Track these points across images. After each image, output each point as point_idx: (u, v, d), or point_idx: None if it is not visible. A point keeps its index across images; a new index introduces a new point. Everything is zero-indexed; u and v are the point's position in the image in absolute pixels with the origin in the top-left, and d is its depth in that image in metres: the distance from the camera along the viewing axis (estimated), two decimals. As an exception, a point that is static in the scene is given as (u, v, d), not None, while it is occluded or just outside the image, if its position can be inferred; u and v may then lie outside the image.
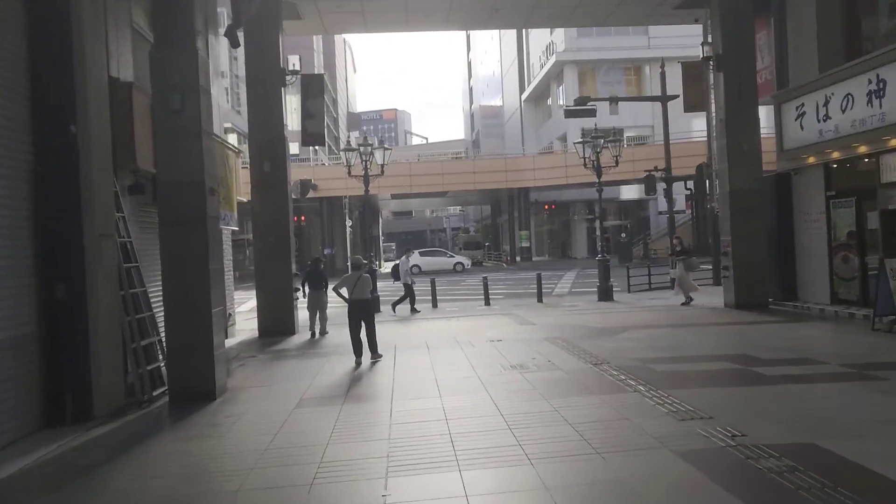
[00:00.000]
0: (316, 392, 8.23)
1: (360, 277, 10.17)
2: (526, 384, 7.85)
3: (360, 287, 10.14)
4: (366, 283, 10.20)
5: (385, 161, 19.55)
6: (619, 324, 13.21)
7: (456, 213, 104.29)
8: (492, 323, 14.50)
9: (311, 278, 14.50)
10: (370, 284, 10.39)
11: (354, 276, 10.27)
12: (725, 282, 15.35)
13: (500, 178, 44.88)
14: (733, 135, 14.91)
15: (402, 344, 11.84)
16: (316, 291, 14.32)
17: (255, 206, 14.40)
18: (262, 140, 14.35)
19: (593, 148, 19.66)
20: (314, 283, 14.41)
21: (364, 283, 10.16)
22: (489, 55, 78.26)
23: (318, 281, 14.42)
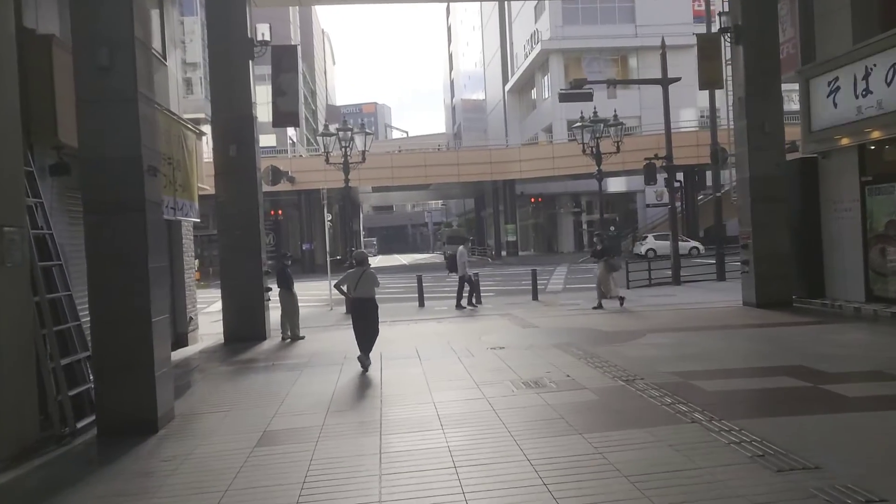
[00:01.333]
0: (284, 421, 6.59)
1: (363, 274, 9.37)
2: (548, 410, 6.27)
3: (362, 285, 9.33)
4: (369, 281, 9.37)
5: (367, 147, 17.88)
6: (633, 326, 11.71)
7: (438, 207, 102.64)
8: (488, 325, 12.93)
9: (279, 276, 12.87)
10: (374, 282, 9.46)
11: (357, 272, 9.46)
12: (745, 278, 13.89)
13: (484, 170, 43.31)
14: (754, 114, 13.45)
15: (388, 352, 10.22)
16: (283, 291, 12.69)
17: (219, 195, 12.68)
18: (226, 120, 12.62)
19: (593, 133, 18.16)
20: (280, 282, 12.78)
21: (367, 281, 9.36)
22: (471, 47, 76.58)
23: (284, 279, 12.76)
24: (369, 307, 9.41)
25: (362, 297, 9.38)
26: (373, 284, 9.42)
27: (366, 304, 9.40)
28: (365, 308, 9.39)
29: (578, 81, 21.06)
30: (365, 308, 9.39)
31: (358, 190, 48.81)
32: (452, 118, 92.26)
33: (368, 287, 9.38)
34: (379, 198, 72.08)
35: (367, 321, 9.36)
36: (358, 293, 9.38)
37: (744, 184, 13.82)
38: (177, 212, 11.07)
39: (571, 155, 42.27)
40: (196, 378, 9.31)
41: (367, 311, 9.39)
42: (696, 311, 13.69)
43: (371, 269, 9.73)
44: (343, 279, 9.76)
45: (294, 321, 12.57)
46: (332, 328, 14.18)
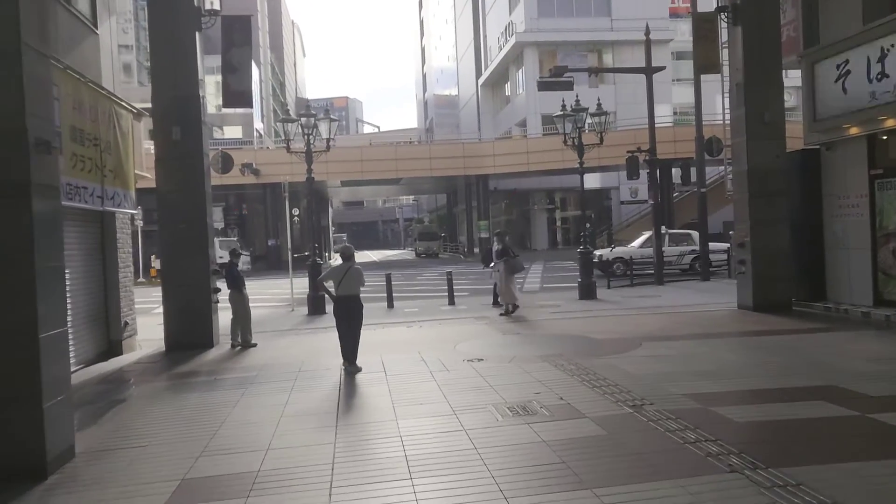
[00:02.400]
0: (211, 464, 5.22)
1: (348, 270, 8.74)
2: (543, 450, 5.00)
3: (347, 282, 8.71)
4: (354, 278, 8.75)
5: (332, 135, 16.45)
6: (626, 332, 10.52)
7: (409, 203, 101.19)
8: (464, 331, 11.65)
9: (228, 276, 11.49)
10: (360, 279, 8.86)
11: (342, 268, 8.83)
12: (741, 278, 12.82)
13: (457, 165, 42.01)
14: (753, 102, 12.36)
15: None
16: (233, 293, 11.31)
17: (160, 184, 11.19)
18: (169, 100, 11.12)
19: (575, 123, 16.96)
20: (229, 283, 11.40)
21: (352, 278, 8.73)
22: (443, 41, 75.26)
23: (234, 280, 11.38)
24: (355, 307, 8.74)
25: (348, 294, 8.68)
26: (359, 282, 8.80)
27: (351, 303, 8.70)
28: (350, 308, 8.69)
29: (559, 69, 19.89)
30: (350, 308, 8.69)
31: (327, 184, 47.20)
32: (424, 113, 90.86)
33: (354, 284, 8.73)
34: (349, 193, 70.28)
35: (352, 322, 8.72)
36: (343, 290, 8.69)
37: (741, 177, 12.74)
38: (106, 201, 9.59)
39: (546, 150, 41.26)
40: (121, 397, 7.88)
41: (353, 310, 8.72)
42: (689, 315, 12.57)
43: (357, 265, 8.93)
44: (327, 275, 9.13)
45: (245, 326, 11.18)
46: (290, 333, 12.78)
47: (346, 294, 8.72)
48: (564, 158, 41.34)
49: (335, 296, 8.78)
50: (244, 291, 11.38)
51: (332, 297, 9.06)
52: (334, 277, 8.86)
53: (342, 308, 8.71)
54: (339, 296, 8.75)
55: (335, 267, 9.08)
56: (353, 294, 8.74)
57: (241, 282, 11.41)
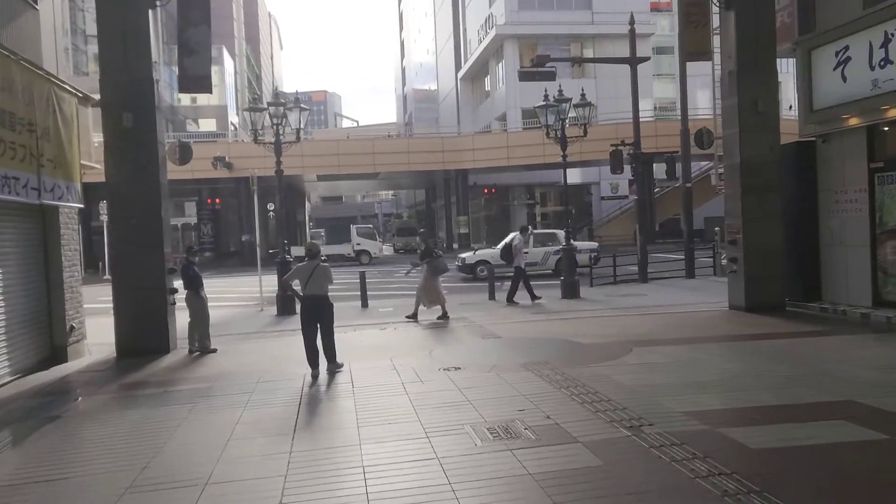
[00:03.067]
0: (139, 501, 4.41)
1: (315, 268, 8.27)
2: (531, 487, 4.25)
3: (315, 280, 8.25)
4: (322, 277, 8.29)
5: (302, 125, 15.56)
6: (614, 336, 9.81)
7: (388, 198, 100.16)
8: (442, 334, 10.88)
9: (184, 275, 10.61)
10: (329, 278, 8.38)
11: (308, 266, 8.34)
12: (733, 277, 12.19)
13: (436, 159, 41.20)
14: (746, 91, 11.70)
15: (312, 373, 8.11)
16: (189, 294, 10.44)
17: (110, 175, 10.26)
18: (119, 83, 10.19)
19: (558, 114, 16.23)
20: (186, 283, 10.51)
21: (320, 276, 8.28)
22: (423, 34, 74.37)
23: (190, 279, 10.50)
24: (324, 307, 8.30)
25: (315, 294, 8.23)
26: (327, 280, 8.32)
27: (319, 303, 8.26)
28: (318, 309, 8.25)
29: (541, 58, 19.16)
30: (318, 309, 8.25)
31: (303, 178, 46.17)
32: (404, 107, 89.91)
33: (322, 283, 8.26)
34: (327, 187, 69.22)
35: (321, 323, 8.27)
36: (310, 290, 8.25)
37: (732, 171, 12.09)
38: (44, 194, 8.67)
39: (526, 144, 40.60)
40: (56, 413, 7.00)
41: (322, 311, 8.28)
42: (679, 316, 11.92)
43: (325, 262, 8.53)
44: (292, 275, 8.61)
45: (203, 330, 10.31)
46: (255, 336, 11.93)
47: (313, 294, 8.25)
48: (546, 153, 40.92)
49: (303, 295, 8.34)
50: (202, 293, 10.52)
51: (299, 298, 8.55)
52: (300, 277, 8.37)
53: (310, 309, 8.25)
54: (307, 296, 8.27)
55: (300, 266, 8.56)
56: (321, 294, 8.27)
57: (199, 282, 10.52)
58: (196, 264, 10.70)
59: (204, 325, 10.31)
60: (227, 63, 59.58)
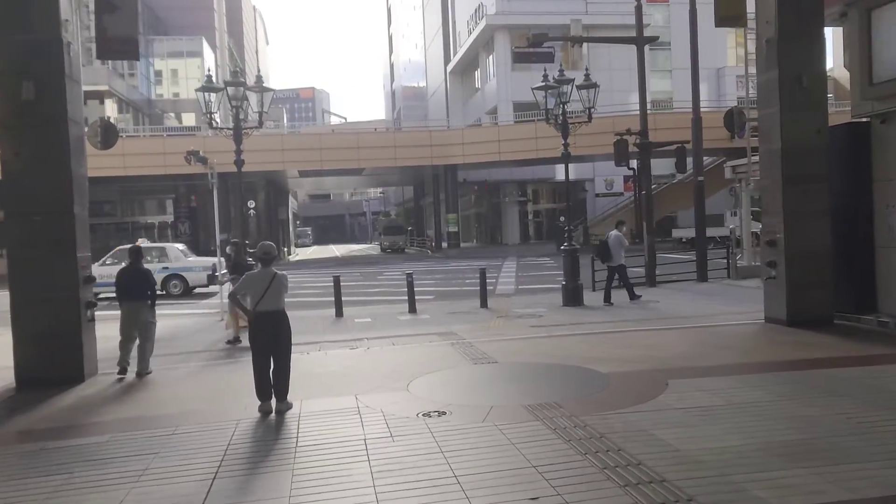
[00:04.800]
0: None
1: (273, 279, 6.50)
2: None
3: (271, 294, 6.47)
4: (279, 289, 6.54)
5: (265, 108, 13.51)
6: (636, 360, 7.86)
7: (377, 196, 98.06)
8: (424, 356, 8.87)
9: (124, 282, 8.70)
10: (285, 288, 6.62)
11: (264, 275, 6.55)
12: (769, 285, 10.25)
13: (424, 154, 39.17)
14: (789, 62, 9.78)
15: (247, 420, 6.11)
16: (132, 303, 8.54)
17: (5, 161, 8.19)
18: (17, 45, 8.13)
19: (559, 97, 14.29)
20: (129, 290, 8.61)
21: (278, 289, 6.52)
22: (411, 27, 72.34)
23: (135, 285, 8.64)
24: (282, 327, 6.51)
25: (272, 310, 6.45)
26: (283, 292, 6.58)
27: (275, 321, 6.46)
28: (274, 328, 6.45)
29: (537, 37, 17.21)
30: (274, 328, 6.45)
31: (286, 174, 44.04)
32: (392, 104, 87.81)
33: (279, 297, 6.51)
34: (314, 185, 66.99)
35: (276, 348, 6.45)
36: (265, 305, 6.43)
37: (771, 158, 10.16)
38: None
39: (518, 138, 38.62)
40: None
41: (279, 332, 6.47)
42: (708, 331, 9.97)
43: (282, 272, 6.68)
44: (242, 286, 6.75)
45: (144, 348, 8.53)
46: (201, 356, 9.90)
47: (269, 310, 6.44)
48: (539, 147, 38.90)
49: (255, 312, 6.46)
50: (148, 302, 8.71)
51: (248, 316, 6.61)
52: (253, 289, 6.53)
53: (265, 330, 6.44)
54: (260, 312, 6.42)
55: (253, 275, 6.72)
56: (277, 309, 6.50)
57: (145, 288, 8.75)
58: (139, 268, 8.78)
59: (146, 343, 8.61)
60: (207, 55, 57.24)
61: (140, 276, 8.67)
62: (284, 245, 52.07)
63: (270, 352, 6.40)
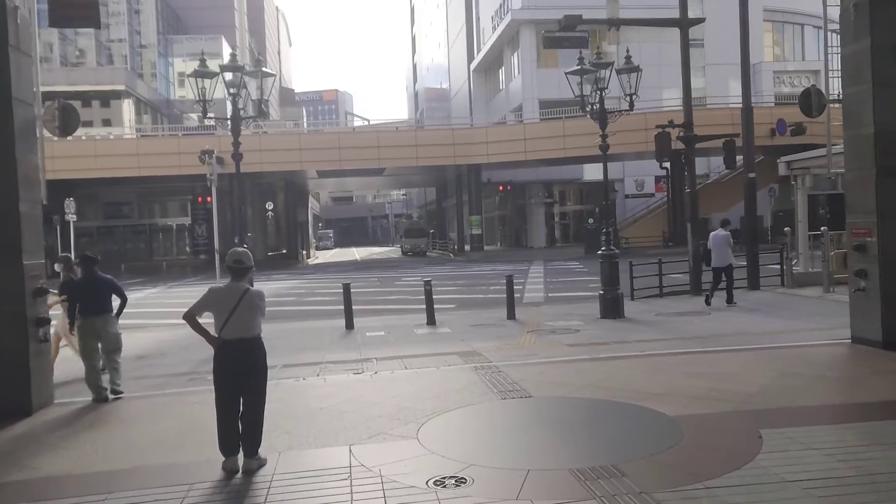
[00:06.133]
0: None
1: (243, 296, 4.94)
2: None
3: (241, 316, 4.91)
4: (253, 309, 4.96)
5: (266, 94, 12.05)
6: (708, 396, 6.21)
7: (399, 198, 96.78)
8: (441, 385, 7.29)
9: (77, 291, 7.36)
10: (260, 309, 5.03)
11: (231, 291, 5.00)
12: (860, 298, 8.50)
13: (447, 153, 37.59)
14: (884, 30, 8.07)
15: (204, 480, 4.60)
16: (96, 318, 7.26)
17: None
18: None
19: (595, 83, 12.66)
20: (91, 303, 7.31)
21: (250, 309, 4.94)
22: (434, 26, 70.96)
23: (97, 296, 7.28)
24: (255, 360, 4.98)
25: (241, 338, 4.91)
26: (259, 314, 5.02)
27: (247, 352, 4.94)
28: (246, 362, 4.93)
29: (570, 20, 15.61)
30: (246, 362, 4.93)
31: (305, 175, 42.82)
32: (415, 105, 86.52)
33: (250, 319, 4.95)
34: (335, 186, 65.84)
35: (246, 387, 4.95)
36: (232, 331, 4.90)
37: (860, 145, 8.43)
38: None
39: (545, 136, 36.87)
40: None
41: (251, 367, 4.96)
42: (785, 354, 8.23)
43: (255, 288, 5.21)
44: (202, 304, 5.06)
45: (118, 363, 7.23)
46: (181, 380, 8.43)
47: (237, 337, 4.90)
48: (567, 146, 37.10)
49: (221, 339, 4.93)
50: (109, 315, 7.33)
51: (212, 344, 4.99)
52: (216, 309, 4.97)
53: (231, 362, 4.91)
54: (228, 339, 4.90)
55: (217, 290, 5.11)
56: (249, 336, 4.94)
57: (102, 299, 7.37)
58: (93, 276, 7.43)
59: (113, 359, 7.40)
60: (226, 54, 56.37)
61: (103, 285, 7.38)
62: (303, 248, 50.89)
63: (239, 392, 4.89)
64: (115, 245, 43.49)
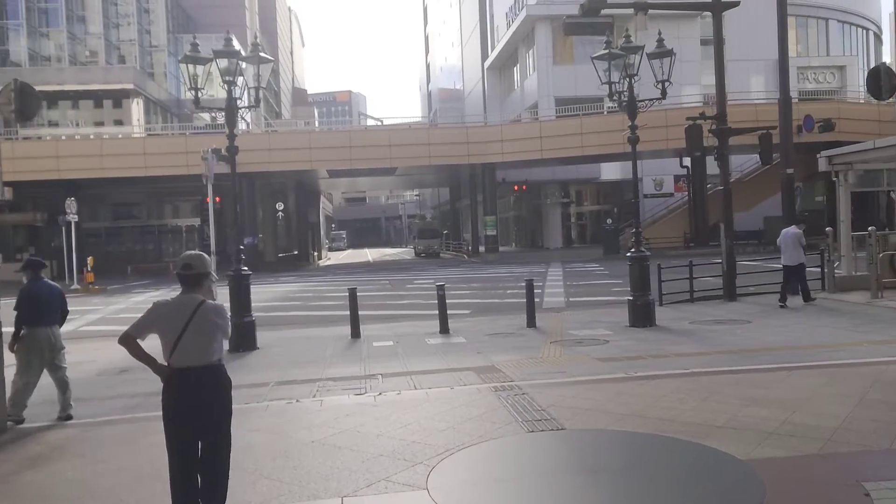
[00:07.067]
0: None
1: (196, 311, 3.83)
2: None
3: (195, 336, 3.79)
4: (211, 328, 3.84)
5: (262, 83, 11.05)
6: (773, 427, 5.10)
7: (412, 198, 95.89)
8: (454, 414, 6.19)
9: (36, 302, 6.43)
10: (222, 329, 3.92)
11: (181, 305, 3.87)
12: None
13: (460, 152, 36.52)
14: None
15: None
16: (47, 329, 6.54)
17: None
18: None
19: (624, 69, 11.57)
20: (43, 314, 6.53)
21: (207, 328, 3.82)
22: (447, 25, 70.04)
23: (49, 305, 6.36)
24: (212, 393, 3.85)
25: (194, 365, 3.79)
26: (219, 334, 3.90)
27: (202, 382, 3.81)
28: (201, 395, 3.80)
29: (594, 3, 14.49)
30: (201, 395, 3.80)
31: (317, 175, 41.91)
32: (428, 105, 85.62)
33: (208, 341, 3.84)
34: (348, 186, 64.98)
35: (204, 430, 3.84)
36: (183, 357, 3.79)
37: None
38: None
39: (562, 134, 35.66)
40: None
41: (211, 405, 3.85)
42: (857, 373, 7.06)
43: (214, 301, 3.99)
44: (143, 322, 3.90)
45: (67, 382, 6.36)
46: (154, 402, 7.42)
47: (189, 365, 3.79)
48: (584, 144, 35.86)
49: (170, 367, 3.83)
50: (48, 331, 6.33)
51: (159, 374, 3.88)
52: (163, 329, 3.85)
53: (183, 397, 3.79)
54: (179, 370, 3.79)
55: (162, 304, 3.95)
56: (207, 363, 3.83)
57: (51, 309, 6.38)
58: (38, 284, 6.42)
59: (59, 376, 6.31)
60: (237, 53, 55.64)
61: (53, 293, 6.43)
62: (314, 249, 50.02)
63: (196, 436, 3.84)
64: (123, 246, 42.84)
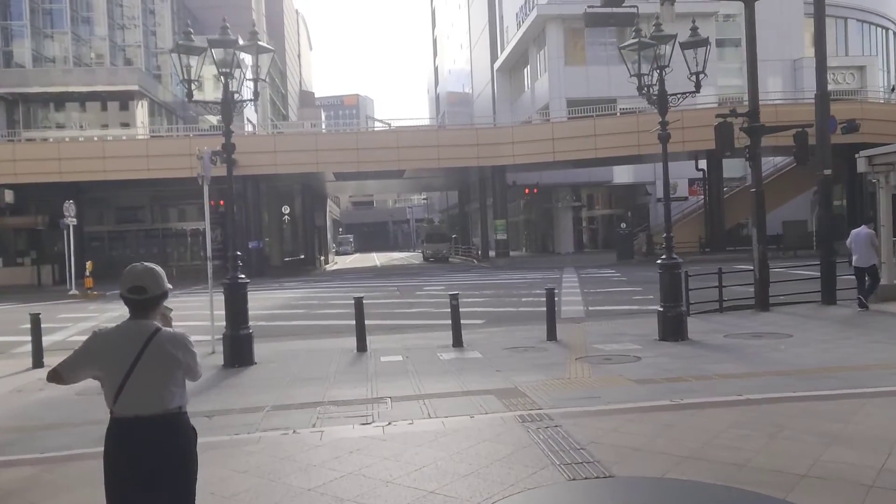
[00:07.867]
0: None
1: (148, 343, 2.70)
2: None
3: (143, 376, 2.68)
4: (167, 364, 2.69)
5: (262, 75, 10.17)
6: (880, 480, 4.19)
7: (420, 202, 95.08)
8: (476, 454, 5.22)
9: None
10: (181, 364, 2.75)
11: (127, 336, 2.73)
12: None
13: (470, 154, 35.61)
14: None
15: None
16: None
17: None
18: None
19: (654, 60, 10.64)
20: None
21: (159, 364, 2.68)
22: (456, 27, 69.31)
23: None
24: (166, 449, 2.79)
25: (144, 415, 2.76)
26: (175, 371, 2.83)
27: (153, 438, 2.76)
28: (151, 453, 2.75)
29: (616, -7, 13.55)
30: (151, 453, 2.75)
31: (323, 178, 41.08)
32: (437, 108, 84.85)
33: (161, 383, 2.79)
34: (355, 189, 64.16)
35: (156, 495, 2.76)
36: (130, 404, 2.76)
37: None
38: None
39: (574, 136, 34.69)
40: None
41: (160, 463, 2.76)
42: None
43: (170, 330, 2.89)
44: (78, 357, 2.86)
45: None
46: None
47: (137, 414, 2.79)
48: (598, 146, 34.85)
49: (113, 417, 2.85)
50: None
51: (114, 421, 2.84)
52: (104, 366, 2.84)
53: (128, 455, 2.78)
54: (124, 420, 2.80)
55: (103, 334, 2.91)
56: (158, 413, 2.81)
57: None
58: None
59: None
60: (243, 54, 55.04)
61: None
62: (321, 253, 49.19)
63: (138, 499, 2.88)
64: (126, 250, 42.09)
